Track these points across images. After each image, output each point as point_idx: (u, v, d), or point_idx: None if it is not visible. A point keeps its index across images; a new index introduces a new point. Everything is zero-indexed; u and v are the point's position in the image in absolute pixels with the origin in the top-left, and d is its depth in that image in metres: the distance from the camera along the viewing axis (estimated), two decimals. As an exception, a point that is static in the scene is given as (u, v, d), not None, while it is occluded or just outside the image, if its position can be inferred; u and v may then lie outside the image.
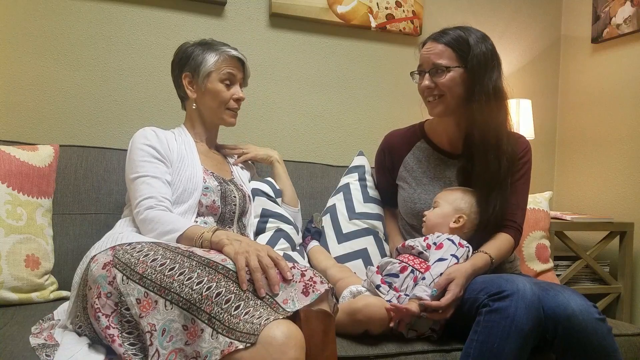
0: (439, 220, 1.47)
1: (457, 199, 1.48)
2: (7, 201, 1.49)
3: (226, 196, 1.51)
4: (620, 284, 2.28)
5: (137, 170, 1.41)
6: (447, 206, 1.48)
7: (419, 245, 1.42)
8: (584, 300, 1.22)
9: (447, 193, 1.51)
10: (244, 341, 0.97)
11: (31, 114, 1.95)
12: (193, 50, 1.57)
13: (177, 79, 1.60)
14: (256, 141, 2.23)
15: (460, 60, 1.46)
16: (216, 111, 1.58)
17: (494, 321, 1.16)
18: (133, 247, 1.19)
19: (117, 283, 1.11)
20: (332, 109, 2.36)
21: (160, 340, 1.04)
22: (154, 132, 1.48)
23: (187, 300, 1.04)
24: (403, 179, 1.65)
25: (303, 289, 1.08)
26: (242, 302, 1.03)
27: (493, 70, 1.46)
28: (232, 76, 1.57)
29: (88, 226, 1.67)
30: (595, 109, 2.56)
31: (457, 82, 1.46)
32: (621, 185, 2.43)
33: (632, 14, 2.35)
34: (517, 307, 1.14)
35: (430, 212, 1.51)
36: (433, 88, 1.49)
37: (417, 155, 1.64)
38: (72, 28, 1.99)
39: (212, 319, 1.01)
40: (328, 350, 1.07)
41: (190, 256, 1.13)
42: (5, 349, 1.13)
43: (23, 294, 1.47)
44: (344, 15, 2.30)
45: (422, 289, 1.28)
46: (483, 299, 1.20)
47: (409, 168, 1.64)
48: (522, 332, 1.14)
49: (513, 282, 1.19)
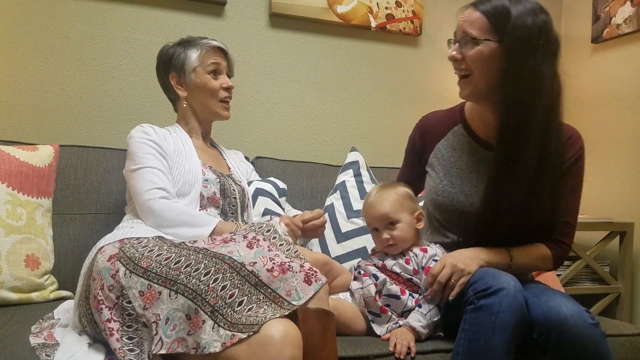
0: (405, 234, 1.37)
1: (396, 201, 1.37)
2: (7, 201, 1.49)
3: (225, 189, 1.52)
4: (620, 284, 2.28)
5: (141, 162, 1.41)
6: (401, 215, 1.37)
7: (405, 272, 1.35)
8: (576, 305, 1.21)
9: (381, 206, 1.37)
10: (247, 331, 0.99)
11: (31, 114, 1.95)
12: (174, 50, 1.57)
13: (164, 81, 1.60)
14: (256, 141, 2.23)
15: (495, 33, 1.24)
16: (209, 105, 1.58)
17: (479, 318, 1.17)
18: (140, 241, 1.21)
19: (120, 277, 1.13)
20: (332, 109, 2.36)
21: (164, 328, 1.05)
22: (152, 129, 1.49)
23: (193, 290, 1.06)
24: (432, 166, 1.47)
25: (305, 277, 1.09)
26: (245, 298, 1.05)
27: (538, 50, 1.23)
28: (217, 66, 1.57)
29: (88, 226, 1.67)
30: (595, 109, 2.56)
31: (487, 58, 1.25)
32: (621, 185, 2.43)
33: (632, 14, 2.35)
34: (501, 303, 1.15)
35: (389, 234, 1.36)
36: (460, 61, 1.29)
37: (452, 141, 1.44)
38: (72, 28, 1.99)
39: (215, 312, 1.03)
40: (326, 350, 1.07)
41: (196, 250, 1.15)
42: (5, 348, 1.13)
43: (23, 294, 1.47)
44: (344, 15, 2.30)
45: (416, 318, 1.28)
46: (470, 296, 1.21)
47: (439, 156, 1.45)
48: (506, 327, 1.14)
49: (498, 279, 1.19)
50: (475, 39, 1.26)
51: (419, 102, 2.47)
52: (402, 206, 1.38)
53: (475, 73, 1.28)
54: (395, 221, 1.36)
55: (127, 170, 1.44)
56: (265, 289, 1.08)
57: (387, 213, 1.36)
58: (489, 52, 1.25)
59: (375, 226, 1.39)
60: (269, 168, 1.95)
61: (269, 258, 1.12)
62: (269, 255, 1.13)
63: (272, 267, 1.10)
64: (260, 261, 1.11)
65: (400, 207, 1.37)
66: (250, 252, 1.14)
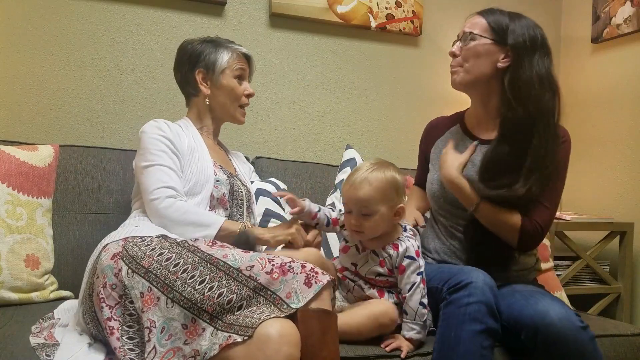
0: (377, 227, 1.30)
1: (379, 190, 1.28)
2: (7, 201, 1.49)
3: (234, 191, 1.51)
4: (620, 284, 2.28)
5: (152, 159, 1.39)
6: (379, 207, 1.29)
7: (379, 276, 1.33)
8: (564, 308, 1.22)
9: (362, 191, 1.28)
10: (242, 334, 0.98)
11: (31, 114, 1.95)
12: (203, 47, 1.57)
13: (186, 75, 1.58)
14: (256, 141, 2.23)
15: (493, 34, 1.40)
16: (229, 107, 1.59)
17: (450, 312, 1.21)
18: (143, 239, 1.21)
19: (122, 276, 1.13)
20: (332, 109, 2.36)
21: (158, 337, 1.05)
22: (166, 124, 1.47)
23: (188, 299, 1.05)
24: (432, 161, 1.58)
25: (305, 280, 1.08)
26: (244, 302, 1.05)
27: (534, 55, 1.37)
28: (243, 72, 1.60)
29: (88, 226, 1.67)
30: (595, 109, 2.56)
31: (481, 52, 1.40)
32: (621, 185, 2.43)
33: (632, 14, 2.34)
34: (470, 295, 1.19)
35: (360, 222, 1.29)
36: (457, 55, 1.45)
37: (448, 137, 1.56)
38: (72, 28, 1.99)
39: (214, 318, 1.03)
40: (326, 351, 1.05)
41: (195, 251, 1.14)
42: (5, 348, 1.13)
43: (23, 294, 1.47)
44: (344, 15, 2.30)
45: (409, 328, 1.27)
46: (444, 293, 1.26)
47: (437, 150, 1.56)
48: (475, 318, 1.18)
49: (468, 274, 1.24)
50: (472, 34, 1.42)
51: (419, 102, 2.47)
52: (383, 196, 1.29)
53: (469, 64, 1.43)
54: (370, 212, 1.28)
55: (138, 166, 1.42)
56: (265, 291, 1.07)
57: (365, 201, 1.28)
58: (484, 48, 1.41)
59: (350, 208, 1.32)
60: (269, 168, 1.95)
61: (267, 260, 1.11)
62: (267, 257, 1.12)
63: (272, 270, 1.08)
64: (258, 264, 1.09)
65: (381, 197, 1.28)
66: (246, 256, 1.12)
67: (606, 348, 1.39)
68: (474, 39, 1.41)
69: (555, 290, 1.91)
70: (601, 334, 1.41)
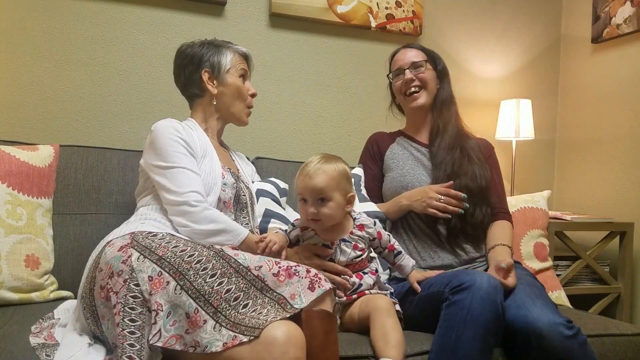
0: (333, 213, 1.34)
1: (333, 179, 1.33)
2: (7, 201, 1.49)
3: (239, 194, 1.51)
4: (620, 284, 2.28)
5: (173, 161, 1.37)
6: (334, 194, 1.33)
7: (357, 253, 1.38)
8: (554, 316, 1.23)
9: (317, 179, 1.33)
10: (248, 334, 1.00)
11: (31, 114, 1.95)
12: (205, 49, 1.57)
13: (190, 76, 1.57)
14: (256, 141, 2.23)
15: (432, 64, 1.73)
16: (235, 107, 1.59)
17: (452, 314, 1.21)
18: (154, 234, 1.22)
19: (131, 261, 1.13)
20: (332, 109, 2.36)
21: (164, 321, 1.06)
22: (180, 125, 1.45)
23: (197, 290, 1.07)
24: (389, 166, 1.76)
25: (309, 284, 1.12)
26: (250, 301, 1.08)
27: (449, 81, 1.75)
28: (245, 71, 1.61)
29: (88, 226, 1.67)
30: (595, 109, 2.56)
31: (432, 78, 1.72)
32: (621, 185, 2.43)
33: (632, 14, 2.35)
34: (473, 298, 1.19)
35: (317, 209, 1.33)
36: (414, 80, 1.70)
37: (401, 143, 1.80)
38: (72, 28, 1.99)
39: (217, 313, 1.05)
40: (329, 351, 1.08)
41: (209, 247, 1.17)
42: (5, 348, 1.13)
43: (23, 294, 1.47)
44: (344, 15, 2.30)
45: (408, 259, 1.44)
46: (446, 294, 1.25)
47: (394, 154, 1.77)
48: (477, 322, 1.17)
49: (472, 275, 1.24)
50: (422, 62, 1.70)
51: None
52: (338, 185, 1.34)
53: (428, 87, 1.71)
54: (326, 198, 1.33)
55: (153, 164, 1.39)
56: (271, 292, 1.10)
57: (321, 188, 1.32)
58: (432, 75, 1.72)
59: (305, 197, 1.35)
60: (269, 168, 1.95)
61: (274, 262, 1.15)
62: (274, 259, 1.16)
63: (278, 272, 1.12)
64: (266, 265, 1.13)
65: (336, 185, 1.34)
66: (255, 256, 1.17)
67: (606, 348, 1.40)
68: (427, 67, 1.71)
69: (554, 290, 1.92)
70: (602, 334, 1.42)
